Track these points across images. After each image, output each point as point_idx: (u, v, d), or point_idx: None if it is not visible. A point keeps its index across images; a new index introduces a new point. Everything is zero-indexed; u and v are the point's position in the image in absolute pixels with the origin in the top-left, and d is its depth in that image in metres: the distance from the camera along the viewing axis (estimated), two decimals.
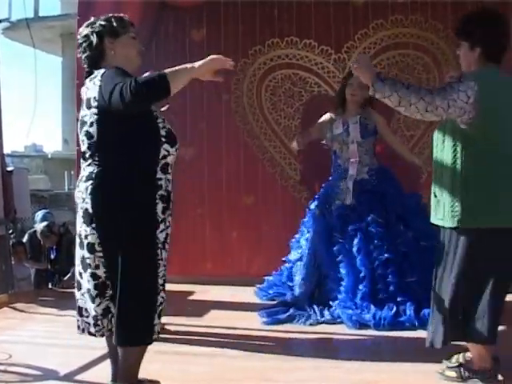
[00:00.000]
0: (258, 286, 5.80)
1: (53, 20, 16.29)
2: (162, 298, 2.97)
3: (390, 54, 6.44)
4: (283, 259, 5.71)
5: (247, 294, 5.75)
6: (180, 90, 2.83)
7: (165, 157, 2.96)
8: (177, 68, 2.81)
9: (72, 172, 14.04)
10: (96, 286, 2.95)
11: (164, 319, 3.15)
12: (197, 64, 2.85)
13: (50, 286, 7.87)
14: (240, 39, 6.68)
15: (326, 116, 5.52)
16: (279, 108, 6.63)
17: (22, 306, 5.53)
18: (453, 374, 3.36)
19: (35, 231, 8.28)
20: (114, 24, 3.04)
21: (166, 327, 4.16)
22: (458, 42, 3.41)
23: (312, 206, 5.44)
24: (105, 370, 3.28)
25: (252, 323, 4.77)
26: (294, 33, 6.59)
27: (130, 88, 2.69)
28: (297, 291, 5.22)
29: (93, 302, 2.97)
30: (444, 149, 3.30)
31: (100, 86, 2.84)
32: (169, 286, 3.07)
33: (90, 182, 2.88)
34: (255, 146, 6.67)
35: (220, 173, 6.63)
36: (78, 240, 3.01)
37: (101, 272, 2.94)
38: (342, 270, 4.98)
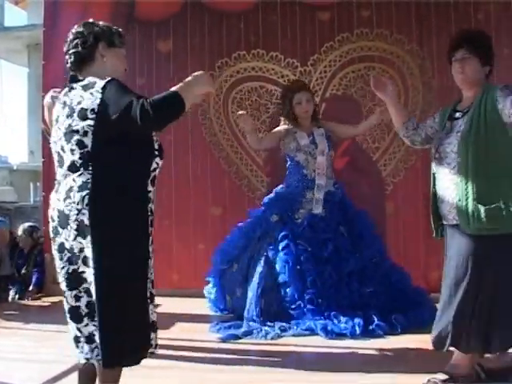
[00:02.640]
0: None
1: (19, 30, 16.17)
2: (151, 310, 2.91)
3: (355, 66, 6.53)
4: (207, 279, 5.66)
5: None
6: None
7: (154, 170, 2.98)
8: (180, 85, 2.76)
9: (38, 184, 13.89)
10: (88, 304, 2.81)
11: None
12: (190, 79, 2.82)
13: (11, 297, 7.52)
14: (207, 51, 6.73)
15: (283, 127, 5.45)
16: None
17: None
18: None
19: None
20: (114, 33, 3.01)
21: None
22: (466, 54, 3.39)
23: (270, 214, 5.33)
24: None
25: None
26: (261, 45, 6.66)
27: (150, 107, 2.62)
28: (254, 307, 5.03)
29: (80, 321, 2.84)
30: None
31: (102, 98, 2.72)
32: None
33: (86, 191, 2.73)
34: (222, 157, 6.69)
35: (187, 184, 6.63)
36: (66, 255, 2.82)
37: (93, 290, 2.77)
38: (308, 279, 4.95)
